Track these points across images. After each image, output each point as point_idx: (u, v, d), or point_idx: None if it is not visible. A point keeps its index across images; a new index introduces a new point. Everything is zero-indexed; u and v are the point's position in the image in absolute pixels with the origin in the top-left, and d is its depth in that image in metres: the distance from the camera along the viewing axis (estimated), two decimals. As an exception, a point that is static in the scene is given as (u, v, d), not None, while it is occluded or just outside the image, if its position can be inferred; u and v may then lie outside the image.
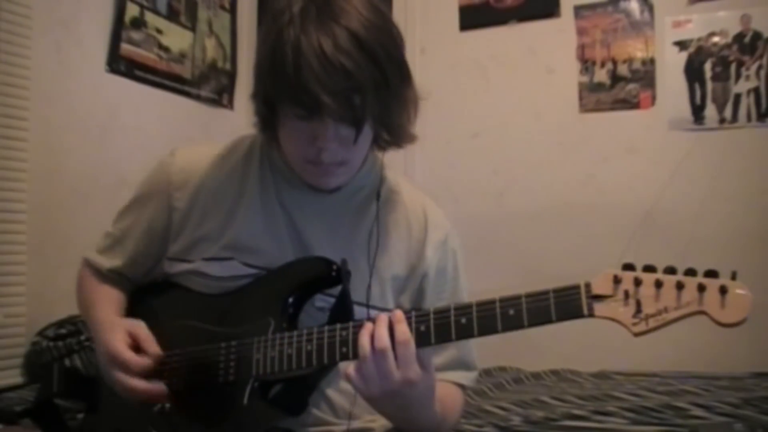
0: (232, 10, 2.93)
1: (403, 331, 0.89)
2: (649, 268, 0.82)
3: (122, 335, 1.05)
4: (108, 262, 1.20)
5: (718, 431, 1.35)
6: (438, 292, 1.14)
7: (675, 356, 2.13)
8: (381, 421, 1.11)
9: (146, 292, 1.19)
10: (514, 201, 2.62)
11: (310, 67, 0.90)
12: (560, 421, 1.48)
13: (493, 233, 2.60)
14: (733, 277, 0.79)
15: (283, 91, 0.95)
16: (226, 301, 1.09)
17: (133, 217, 1.19)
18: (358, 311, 1.04)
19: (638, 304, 0.82)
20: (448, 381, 1.12)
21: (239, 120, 2.90)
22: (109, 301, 1.18)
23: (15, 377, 1.91)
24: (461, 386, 1.16)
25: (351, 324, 0.94)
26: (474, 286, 1.25)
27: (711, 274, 0.80)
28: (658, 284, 0.81)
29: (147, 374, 1.03)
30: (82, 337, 1.88)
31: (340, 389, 1.10)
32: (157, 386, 1.02)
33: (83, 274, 1.24)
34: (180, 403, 1.04)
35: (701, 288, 0.79)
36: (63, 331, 1.91)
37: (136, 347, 1.05)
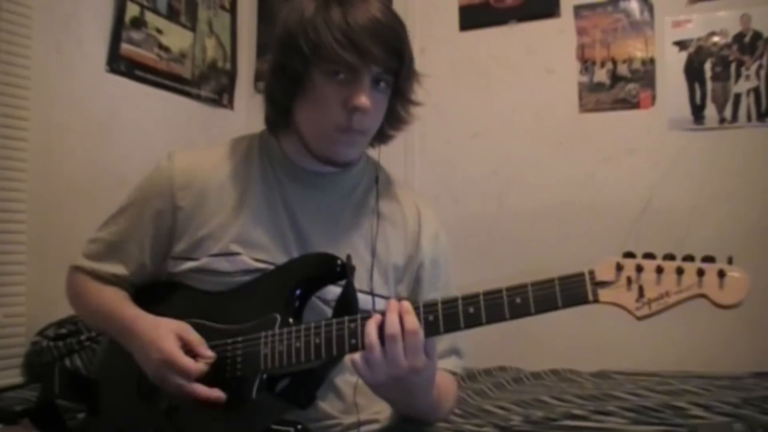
0: (232, 10, 2.93)
1: (412, 321, 0.91)
2: (649, 255, 0.86)
3: (173, 339, 1.02)
4: (112, 268, 1.18)
5: (718, 431, 1.35)
6: (433, 282, 1.20)
7: (675, 356, 2.12)
8: (386, 413, 1.14)
9: (148, 293, 1.18)
10: (514, 201, 2.62)
11: (356, 21, 1.01)
12: (560, 420, 1.48)
13: (493, 233, 2.60)
14: (730, 261, 0.83)
15: (326, 47, 1.00)
16: (229, 299, 1.10)
17: (132, 221, 1.18)
18: (363, 299, 1.07)
19: (641, 289, 0.85)
20: (443, 369, 1.14)
21: (239, 120, 2.90)
22: (128, 301, 1.16)
23: (15, 377, 1.91)
24: (453, 374, 1.20)
25: (359, 316, 0.96)
26: (474, 286, 1.25)
27: (708, 259, 0.84)
28: (659, 270, 0.85)
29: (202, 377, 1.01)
30: (83, 337, 1.88)
31: (347, 380, 1.13)
32: (217, 392, 1.00)
33: (79, 281, 1.21)
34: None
35: (700, 272, 0.83)
36: (63, 330, 1.91)
37: (187, 351, 1.02)
